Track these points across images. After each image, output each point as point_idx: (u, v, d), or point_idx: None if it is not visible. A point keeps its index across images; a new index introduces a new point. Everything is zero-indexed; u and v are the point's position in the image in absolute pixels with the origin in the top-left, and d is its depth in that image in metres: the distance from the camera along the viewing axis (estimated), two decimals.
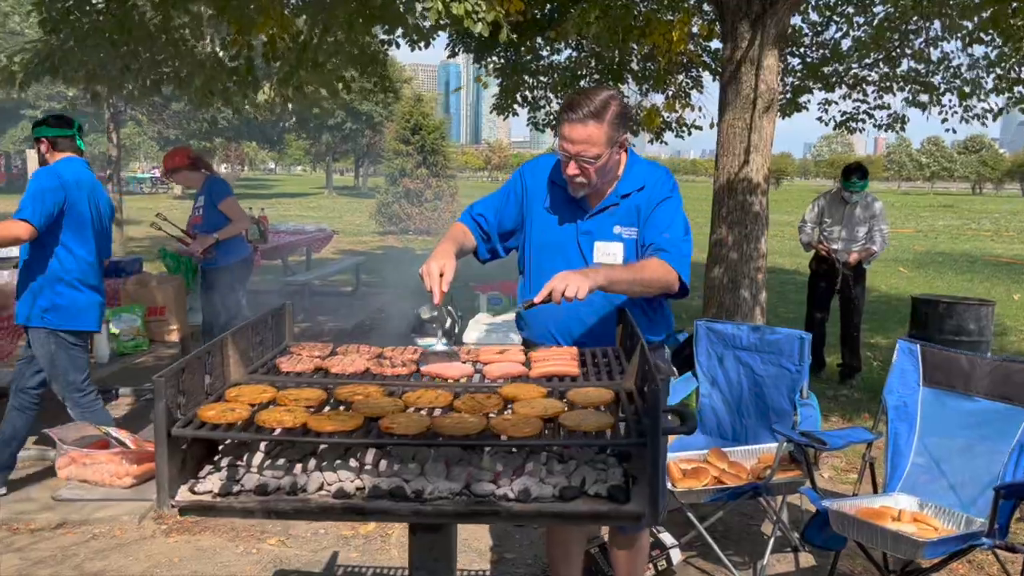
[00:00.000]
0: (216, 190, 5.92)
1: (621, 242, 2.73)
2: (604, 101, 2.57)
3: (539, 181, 2.85)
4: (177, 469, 1.89)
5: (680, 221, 2.73)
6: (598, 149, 2.56)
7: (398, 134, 20.63)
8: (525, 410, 1.98)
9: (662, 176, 2.79)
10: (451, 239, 2.74)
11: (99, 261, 4.46)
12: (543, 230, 2.83)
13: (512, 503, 1.84)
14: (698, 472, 3.72)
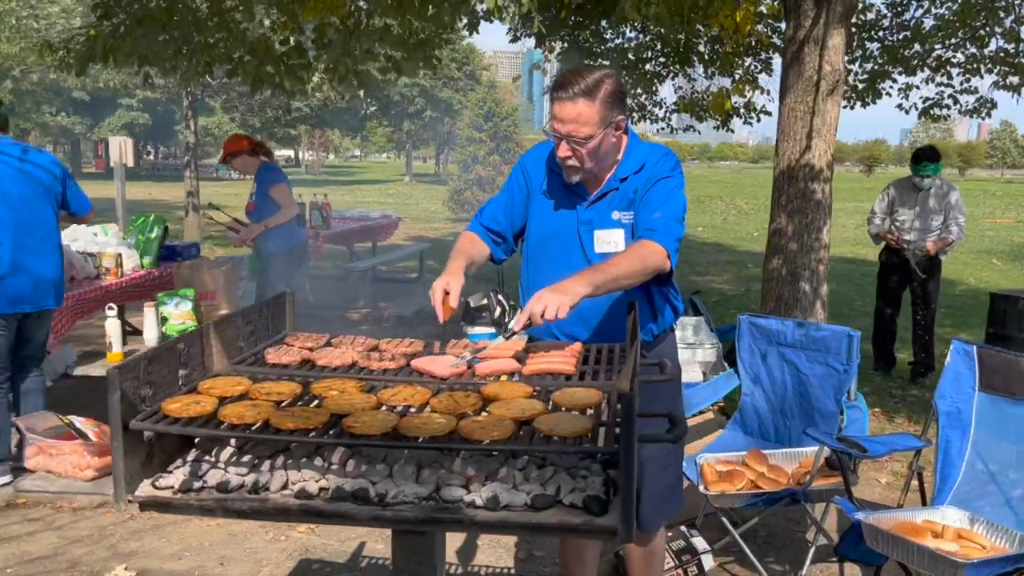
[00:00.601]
0: (268, 177, 5.95)
1: (621, 228, 2.58)
2: (597, 79, 2.42)
3: (538, 169, 2.72)
4: (140, 463, 1.84)
5: (676, 201, 2.54)
6: (589, 129, 2.41)
7: (471, 121, 20.64)
8: (500, 411, 1.85)
9: (662, 156, 2.62)
10: (459, 254, 2.64)
11: (14, 240, 4.15)
12: (541, 220, 2.70)
13: (478, 511, 1.73)
14: (733, 475, 3.52)
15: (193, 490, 1.80)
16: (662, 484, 2.73)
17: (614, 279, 2.34)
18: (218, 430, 1.78)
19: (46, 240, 4.30)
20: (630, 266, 2.37)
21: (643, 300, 2.62)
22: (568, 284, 2.24)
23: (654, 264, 2.41)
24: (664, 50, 9.06)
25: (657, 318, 2.68)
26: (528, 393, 2.00)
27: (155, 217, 6.32)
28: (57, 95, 34.55)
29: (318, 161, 64.57)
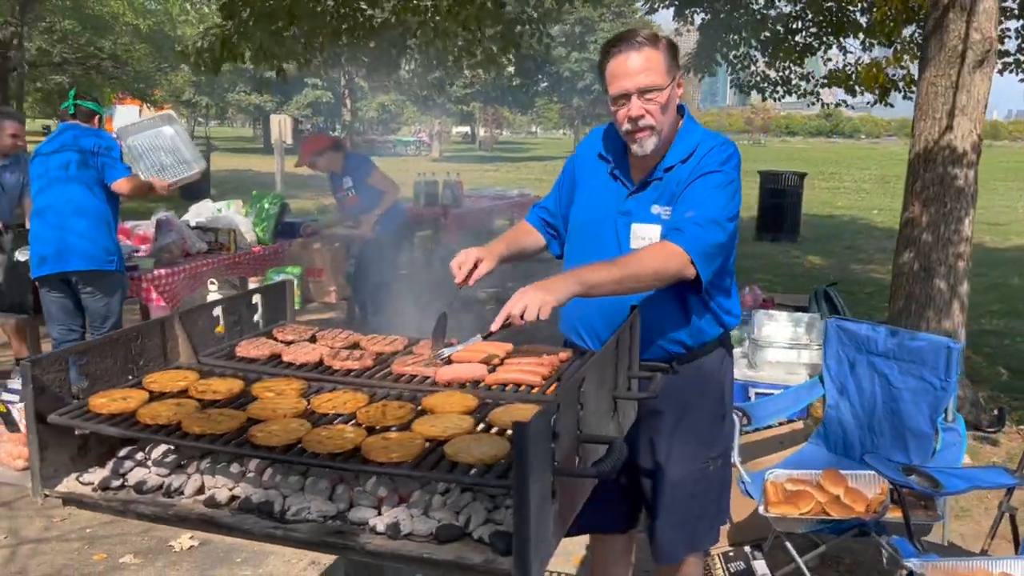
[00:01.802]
0: (361, 167, 5.92)
1: (658, 224, 2.28)
2: (653, 33, 2.20)
3: (589, 155, 2.47)
4: (70, 456, 1.82)
5: (716, 201, 2.20)
6: (660, 78, 2.15)
7: None
8: (423, 427, 1.69)
9: (715, 147, 2.28)
10: (505, 239, 2.48)
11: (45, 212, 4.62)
12: (584, 208, 2.45)
13: (373, 537, 1.58)
14: (801, 496, 3.15)
15: (111, 488, 1.76)
16: (692, 512, 2.45)
17: (615, 280, 2.08)
18: (128, 430, 1.72)
19: (76, 213, 4.57)
20: (638, 268, 2.11)
21: (674, 306, 2.33)
22: (556, 281, 2.03)
23: (671, 270, 2.12)
24: (816, 19, 8.34)
25: (691, 328, 2.36)
26: (468, 407, 1.81)
27: (275, 194, 6.54)
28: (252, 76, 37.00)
29: (491, 138, 65.62)
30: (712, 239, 2.17)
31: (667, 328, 2.34)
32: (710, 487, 2.48)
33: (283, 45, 5.79)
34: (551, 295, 1.97)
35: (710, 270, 2.19)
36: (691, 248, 2.13)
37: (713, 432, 2.46)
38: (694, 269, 2.14)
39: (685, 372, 2.37)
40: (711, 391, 2.45)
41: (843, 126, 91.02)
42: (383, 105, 41.29)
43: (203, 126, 55.39)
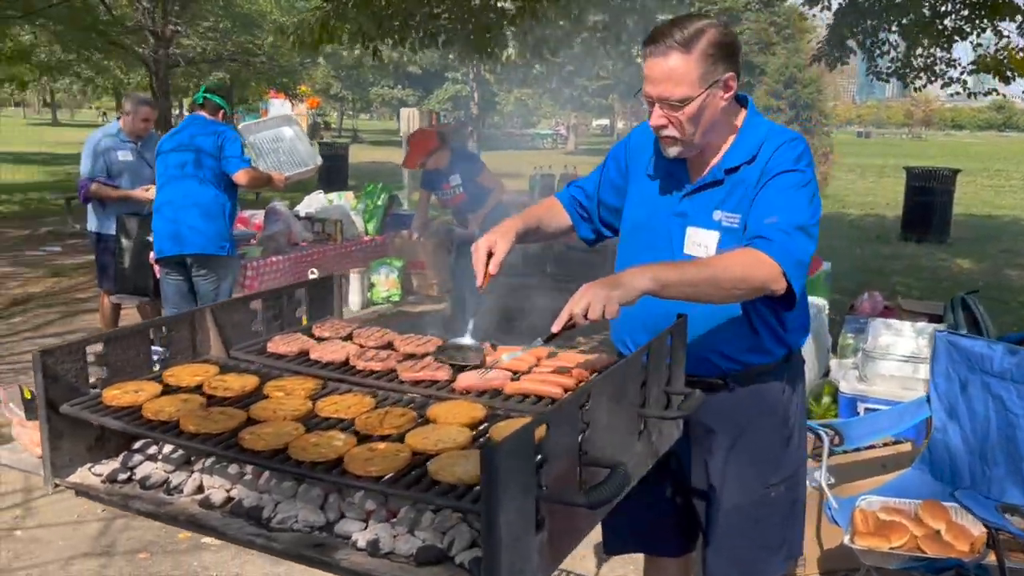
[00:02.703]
0: (470, 165, 5.85)
1: (717, 231, 2.06)
2: (697, 29, 1.94)
3: (644, 145, 2.24)
4: (86, 446, 1.84)
5: (799, 204, 1.97)
6: (685, 89, 1.94)
7: (770, 88, 19.26)
8: (415, 439, 1.59)
9: (784, 142, 2.04)
10: (524, 215, 2.30)
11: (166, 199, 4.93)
12: (637, 205, 2.24)
13: (352, 553, 1.49)
14: (893, 528, 2.85)
15: (117, 481, 1.76)
16: (751, 540, 2.23)
17: (692, 282, 1.87)
18: (130, 424, 1.71)
19: (192, 206, 4.78)
20: (724, 273, 1.88)
21: (731, 319, 2.11)
22: (625, 275, 1.82)
23: (759, 280, 1.89)
24: (968, 0, 7.64)
25: (750, 345, 2.13)
26: (474, 419, 1.70)
27: (383, 186, 6.62)
28: (395, 70, 38.09)
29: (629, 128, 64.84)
30: (802, 248, 1.94)
31: (721, 343, 2.12)
32: (773, 513, 2.25)
33: (380, 26, 5.83)
34: (617, 291, 1.78)
35: (802, 283, 1.96)
36: (782, 258, 1.90)
37: (776, 456, 2.23)
38: (785, 282, 1.91)
39: (741, 392, 2.15)
40: (772, 413, 2.21)
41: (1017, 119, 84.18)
42: (520, 99, 41.53)
43: (351, 119, 57.61)
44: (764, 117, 2.17)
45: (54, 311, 7.53)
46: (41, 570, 3.41)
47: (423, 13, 6.05)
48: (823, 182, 19.25)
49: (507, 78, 35.11)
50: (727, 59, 1.98)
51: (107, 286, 5.95)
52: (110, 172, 5.69)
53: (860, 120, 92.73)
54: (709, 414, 2.16)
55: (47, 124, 51.71)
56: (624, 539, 2.46)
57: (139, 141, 5.79)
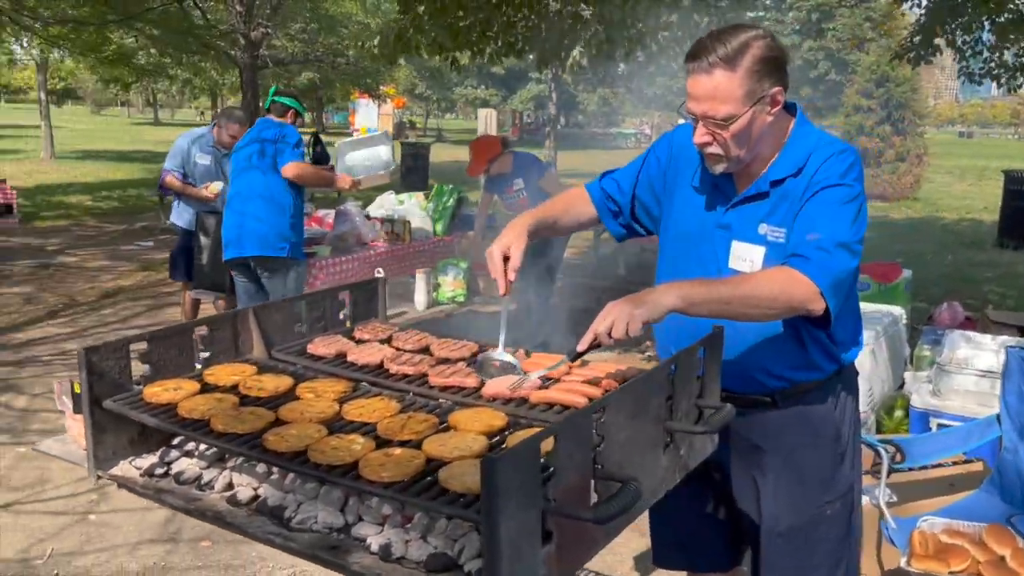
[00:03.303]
0: (533, 169, 5.84)
1: (763, 246, 2.00)
2: (742, 43, 1.88)
3: (690, 152, 2.15)
4: (129, 440, 1.92)
5: (843, 220, 1.89)
6: (730, 107, 1.88)
7: (860, 87, 18.62)
8: (432, 446, 1.60)
9: (832, 155, 1.95)
10: (540, 209, 2.25)
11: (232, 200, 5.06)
12: (681, 216, 2.18)
13: (365, 556, 1.51)
14: (953, 552, 2.72)
15: (154, 475, 1.83)
16: (810, 562, 2.15)
17: (723, 300, 1.82)
18: (165, 421, 1.77)
19: (255, 198, 4.87)
20: (753, 291, 1.84)
21: (777, 335, 2.04)
22: (652, 293, 1.80)
23: (794, 300, 1.83)
24: None
25: (797, 362, 2.06)
26: (493, 427, 1.70)
27: (453, 187, 6.68)
28: (479, 71, 38.39)
29: None
30: (841, 266, 1.88)
31: (767, 360, 2.05)
32: (829, 532, 2.16)
33: (456, 37, 5.87)
34: (641, 309, 1.76)
35: (839, 302, 1.89)
36: (819, 278, 1.83)
37: (830, 474, 2.15)
38: (823, 303, 1.84)
39: (789, 409, 2.09)
40: (823, 431, 2.13)
41: None
42: (603, 98, 41.28)
43: (436, 118, 58.38)
44: (814, 125, 2.09)
45: (141, 304, 7.87)
46: (110, 554, 3.56)
47: (500, 23, 6.06)
48: (915, 185, 18.52)
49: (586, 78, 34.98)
50: (773, 73, 1.92)
51: (177, 278, 6.22)
52: (187, 171, 5.95)
53: (963, 120, 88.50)
54: (756, 433, 2.11)
55: (149, 123, 54.09)
56: (671, 552, 2.43)
57: (222, 150, 6.04)
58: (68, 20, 12.87)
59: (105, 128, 43.89)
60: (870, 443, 3.13)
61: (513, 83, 43.13)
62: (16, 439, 4.64)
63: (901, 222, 15.17)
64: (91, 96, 62.01)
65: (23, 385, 5.50)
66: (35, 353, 6.23)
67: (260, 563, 3.51)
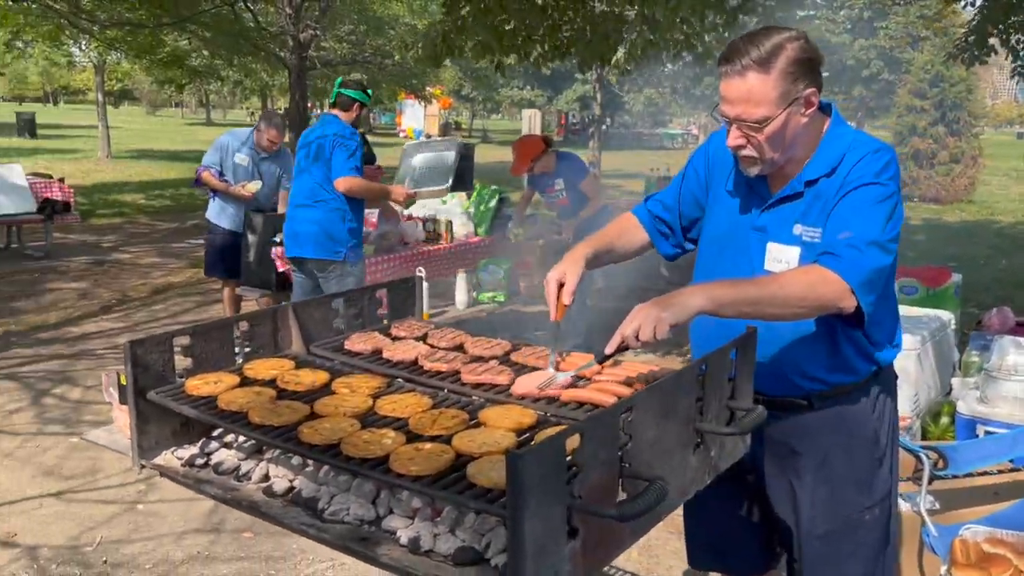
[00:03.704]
0: (575, 170, 5.83)
1: (798, 247, 1.99)
2: (775, 45, 1.88)
3: (725, 156, 2.16)
4: (172, 430, 1.98)
5: (875, 218, 1.88)
6: (764, 109, 1.88)
7: (913, 87, 18.23)
8: (461, 442, 1.63)
9: (867, 154, 1.94)
10: (595, 238, 2.27)
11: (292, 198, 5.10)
12: (718, 219, 2.19)
13: (394, 548, 1.55)
14: (994, 561, 2.66)
15: (195, 465, 1.89)
16: (849, 568, 2.14)
17: (750, 301, 1.82)
18: (204, 413, 1.83)
19: (309, 201, 4.92)
20: (781, 291, 1.83)
21: (813, 336, 2.03)
22: (680, 295, 1.81)
23: (824, 298, 1.83)
24: None
25: (834, 363, 2.05)
26: (521, 424, 1.72)
27: (495, 188, 6.72)
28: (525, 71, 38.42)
29: None
30: (873, 264, 1.86)
31: (803, 361, 2.04)
32: (868, 537, 2.15)
33: (501, 39, 5.88)
34: (669, 312, 1.76)
35: (872, 301, 1.88)
36: (849, 275, 1.83)
37: (868, 478, 2.13)
38: (854, 300, 1.84)
39: (826, 412, 2.07)
40: (861, 433, 2.11)
41: None
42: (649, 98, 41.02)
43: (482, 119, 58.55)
44: (849, 125, 2.08)
45: (190, 300, 8.06)
46: (156, 542, 3.67)
47: (545, 26, 6.06)
48: (969, 187, 18.07)
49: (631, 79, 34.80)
50: (808, 74, 1.90)
51: (213, 275, 6.35)
52: (224, 169, 6.07)
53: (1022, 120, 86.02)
54: (792, 435, 2.10)
55: (201, 124, 55.18)
56: (706, 554, 2.43)
57: (261, 152, 6.14)
58: (124, 23, 13.21)
59: (160, 128, 44.92)
60: (911, 449, 3.08)
61: (559, 83, 43.09)
62: (70, 429, 4.80)
63: (954, 225, 14.83)
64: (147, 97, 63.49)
65: (77, 377, 5.68)
66: (89, 347, 6.42)
67: (300, 555, 3.58)
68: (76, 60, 30.94)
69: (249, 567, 3.48)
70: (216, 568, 3.47)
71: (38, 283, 8.66)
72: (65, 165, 20.68)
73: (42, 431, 4.82)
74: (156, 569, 3.45)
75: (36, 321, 7.11)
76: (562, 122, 53.05)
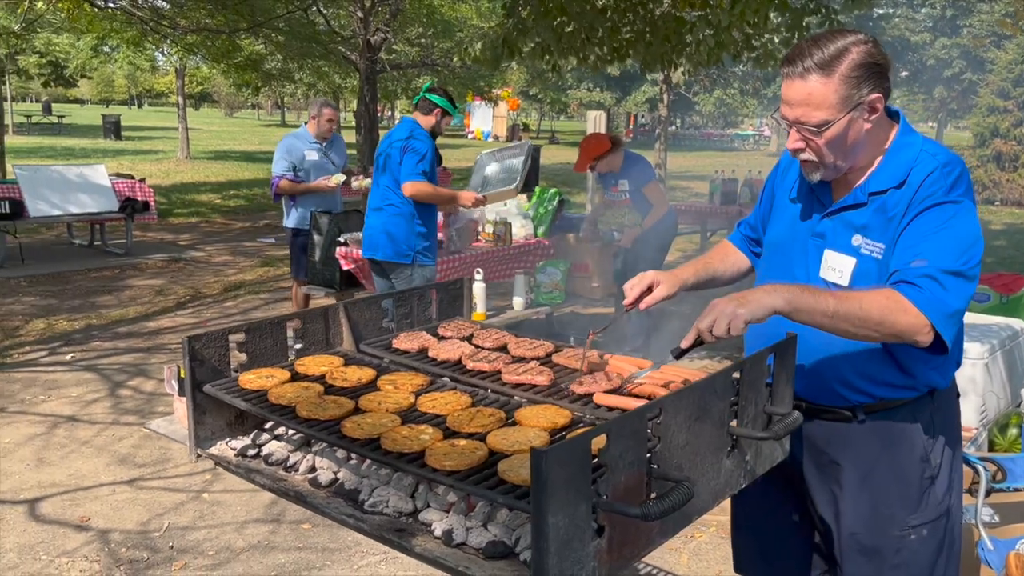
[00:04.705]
0: (641, 174, 5.81)
1: (854, 258, 1.96)
2: (840, 48, 1.85)
3: (790, 166, 2.19)
4: (226, 422, 2.08)
5: (952, 241, 1.81)
6: (824, 113, 1.86)
7: (997, 87, 17.59)
8: (495, 439, 1.68)
9: (935, 168, 1.88)
10: (698, 264, 2.30)
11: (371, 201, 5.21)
12: (778, 224, 2.19)
13: (428, 540, 1.61)
14: None
15: (247, 456, 1.99)
16: None
17: (828, 313, 1.77)
18: (254, 407, 1.92)
19: (381, 202, 5.04)
20: (859, 310, 1.77)
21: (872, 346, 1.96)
22: (757, 292, 1.80)
23: (900, 328, 1.77)
24: None
25: (884, 379, 2.00)
26: (555, 424, 1.76)
27: (554, 191, 6.75)
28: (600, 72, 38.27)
29: None
30: (956, 298, 1.79)
31: (848, 372, 2.01)
32: (913, 560, 2.07)
33: (560, 41, 5.91)
34: (744, 308, 1.75)
35: (954, 332, 1.81)
36: (930, 310, 1.76)
37: (914, 496, 2.05)
38: (931, 336, 1.78)
39: (870, 425, 2.03)
40: (907, 452, 2.05)
41: None
42: (720, 99, 40.46)
43: (551, 120, 58.59)
44: (919, 134, 2.01)
45: (260, 297, 8.32)
46: (219, 531, 3.82)
47: (605, 28, 6.08)
48: None
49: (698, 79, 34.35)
50: (872, 79, 1.86)
51: (301, 276, 6.54)
52: (299, 170, 6.25)
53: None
54: (834, 446, 2.07)
55: (276, 125, 56.64)
56: (753, 560, 2.42)
57: (324, 142, 6.33)
58: (203, 29, 13.68)
59: (237, 130, 46.28)
60: (969, 461, 3.02)
61: (627, 84, 42.83)
62: (143, 420, 5.02)
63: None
64: (225, 99, 65.48)
65: (151, 370, 5.94)
66: (163, 341, 6.69)
67: (355, 547, 3.68)
68: (159, 64, 32.11)
69: (306, 557, 3.60)
70: (275, 557, 3.59)
71: (118, 279, 9.05)
72: (146, 166, 21.52)
73: (117, 421, 5.06)
74: (218, 556, 3.60)
75: (115, 316, 7.44)
76: (631, 123, 52.72)
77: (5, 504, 4.00)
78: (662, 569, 3.54)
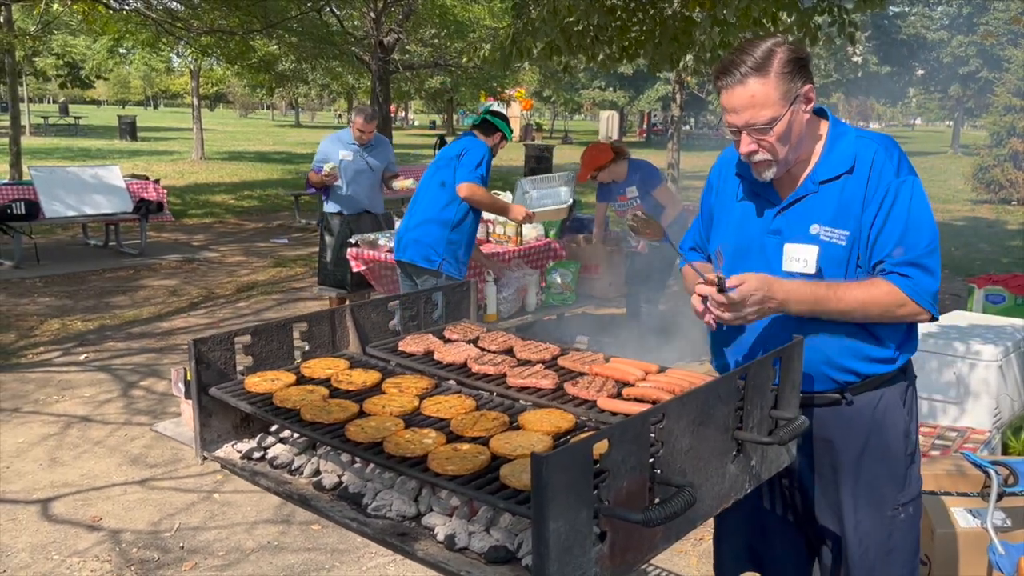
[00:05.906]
0: (649, 178, 5.79)
1: (816, 245, 2.04)
2: (767, 50, 1.98)
3: (727, 176, 2.27)
4: (232, 424, 2.09)
5: (921, 223, 1.99)
6: (771, 110, 1.96)
7: (1013, 86, 17.43)
8: (498, 443, 1.67)
9: (879, 150, 2.02)
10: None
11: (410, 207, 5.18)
12: (728, 233, 2.24)
13: (429, 544, 1.61)
14: None
15: (252, 458, 1.99)
16: (886, 570, 2.14)
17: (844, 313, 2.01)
18: (259, 410, 1.92)
19: (421, 208, 5.01)
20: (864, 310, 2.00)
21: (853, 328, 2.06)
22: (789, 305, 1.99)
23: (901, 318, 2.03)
24: None
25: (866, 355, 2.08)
26: (559, 428, 1.76)
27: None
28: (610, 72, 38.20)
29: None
30: (935, 276, 2.01)
31: (835, 354, 2.08)
32: (905, 539, 2.16)
33: (569, 40, 5.90)
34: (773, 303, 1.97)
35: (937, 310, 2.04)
36: (922, 297, 1.99)
37: (902, 471, 2.15)
38: (928, 315, 2.02)
39: (859, 404, 2.11)
40: (893, 425, 2.13)
41: None
42: None
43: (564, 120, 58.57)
44: (845, 123, 2.14)
45: (272, 298, 8.35)
46: (229, 531, 3.84)
47: (613, 27, 6.06)
48: None
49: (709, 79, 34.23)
50: (801, 72, 1.99)
51: None
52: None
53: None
54: (828, 428, 2.13)
55: (290, 126, 56.89)
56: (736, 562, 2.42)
57: (361, 145, 6.42)
58: (216, 30, 13.75)
59: (251, 130, 46.49)
60: (981, 464, 2.99)
61: (641, 84, 42.72)
62: (155, 420, 5.05)
63: None
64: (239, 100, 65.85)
65: (163, 371, 5.97)
66: (176, 342, 6.73)
67: (364, 548, 3.69)
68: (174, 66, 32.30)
69: (315, 558, 3.61)
70: (284, 558, 3.61)
71: (132, 279, 9.11)
72: (161, 166, 21.65)
73: (130, 421, 5.09)
74: (228, 556, 3.61)
75: (129, 316, 7.49)
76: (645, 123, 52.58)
77: (18, 504, 4.04)
78: (671, 572, 3.52)
